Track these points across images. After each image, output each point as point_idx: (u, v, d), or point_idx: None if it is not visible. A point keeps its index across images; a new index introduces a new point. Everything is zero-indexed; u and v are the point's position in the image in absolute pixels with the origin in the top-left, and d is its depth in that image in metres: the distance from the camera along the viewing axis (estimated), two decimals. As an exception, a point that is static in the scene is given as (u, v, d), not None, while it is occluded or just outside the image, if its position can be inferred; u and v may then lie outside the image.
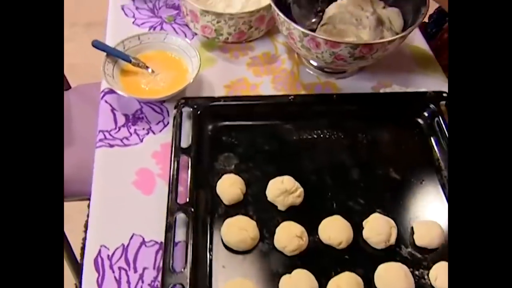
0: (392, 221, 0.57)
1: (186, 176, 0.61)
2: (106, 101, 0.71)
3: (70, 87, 1.14)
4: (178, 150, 0.63)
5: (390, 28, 0.74)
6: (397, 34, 0.74)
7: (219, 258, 0.56)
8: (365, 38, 0.72)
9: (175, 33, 0.83)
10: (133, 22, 0.84)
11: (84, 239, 1.34)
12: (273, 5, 0.68)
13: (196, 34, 0.82)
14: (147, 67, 0.72)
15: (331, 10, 0.79)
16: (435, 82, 0.76)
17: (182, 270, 0.52)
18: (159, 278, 0.53)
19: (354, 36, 0.72)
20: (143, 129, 0.68)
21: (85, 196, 1.24)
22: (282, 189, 0.59)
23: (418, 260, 0.56)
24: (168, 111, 0.70)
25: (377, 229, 0.56)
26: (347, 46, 0.64)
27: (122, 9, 0.86)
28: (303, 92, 0.75)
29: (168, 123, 0.69)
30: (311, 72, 0.78)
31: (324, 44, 0.65)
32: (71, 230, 1.08)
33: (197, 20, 0.78)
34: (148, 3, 0.87)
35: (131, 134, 0.67)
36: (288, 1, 0.79)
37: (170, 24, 0.84)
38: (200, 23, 0.78)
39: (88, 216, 1.44)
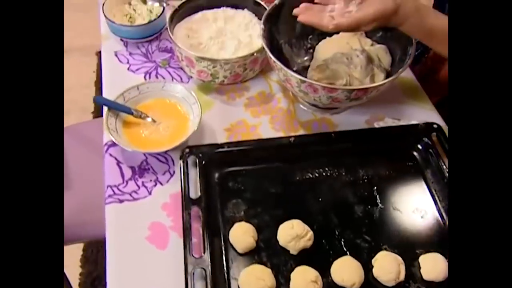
0: (399, 258, 0.61)
1: (198, 226, 0.62)
2: (110, 155, 0.72)
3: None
4: (188, 202, 0.64)
5: (380, 65, 0.77)
6: (386, 70, 0.77)
7: (239, 309, 0.57)
8: (356, 76, 0.75)
9: (170, 76, 0.84)
10: (128, 69, 0.85)
11: (82, 274, 1.34)
12: (268, 52, 0.70)
13: (191, 77, 0.84)
14: (148, 118, 0.73)
15: (321, 47, 0.82)
16: (424, 112, 0.80)
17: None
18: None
19: (347, 76, 0.75)
20: (150, 180, 0.69)
21: (84, 240, 1.24)
22: (293, 235, 0.61)
23: (427, 295, 0.59)
24: (173, 160, 0.71)
25: (387, 267, 0.59)
26: (343, 91, 0.67)
27: (116, 55, 0.87)
28: (301, 130, 0.77)
29: (174, 172, 0.70)
30: (307, 109, 0.80)
31: (321, 90, 0.67)
32: (67, 266, 1.07)
33: (193, 65, 0.79)
34: (141, 48, 0.89)
35: (139, 187, 0.68)
36: (280, 42, 0.82)
37: (165, 68, 0.86)
38: (196, 68, 0.79)
39: (83, 250, 1.42)
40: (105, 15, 0.86)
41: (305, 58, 0.84)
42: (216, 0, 0.89)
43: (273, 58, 0.69)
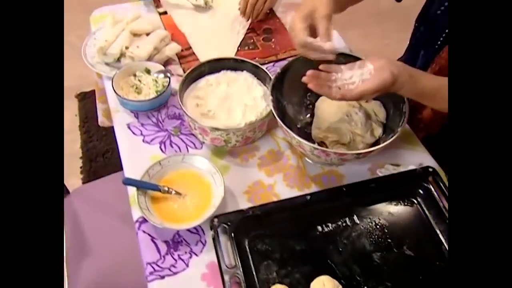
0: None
1: (238, 293, 0.68)
2: (144, 231, 0.77)
3: (68, 192, 1.15)
4: (225, 271, 0.70)
5: (377, 120, 0.85)
6: (382, 123, 0.86)
7: None
8: (358, 132, 0.83)
9: (184, 144, 0.90)
10: (142, 140, 0.90)
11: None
12: (284, 127, 0.76)
13: (204, 143, 0.89)
14: (175, 192, 0.79)
15: (320, 104, 0.90)
16: (418, 154, 0.89)
17: None
18: None
19: (350, 133, 0.82)
20: (185, 252, 0.74)
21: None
22: (326, 292, 0.68)
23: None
24: (203, 230, 0.77)
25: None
26: (353, 154, 0.75)
27: (129, 127, 0.91)
28: (312, 185, 0.84)
29: (205, 241, 0.76)
30: (314, 164, 0.88)
31: (333, 154, 0.75)
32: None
33: (206, 134, 0.85)
34: (151, 117, 0.93)
35: (176, 261, 0.73)
36: (283, 103, 0.89)
37: (177, 136, 0.91)
38: (210, 136, 0.85)
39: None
40: (114, 91, 0.91)
41: (307, 116, 0.92)
42: (217, 65, 0.95)
43: (284, 127, 0.76)
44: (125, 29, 1.00)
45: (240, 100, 0.91)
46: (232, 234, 0.75)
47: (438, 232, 0.78)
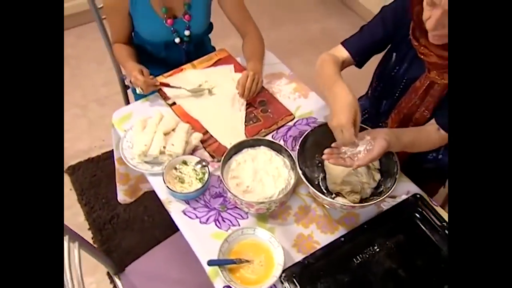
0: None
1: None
2: (231, 298, 0.98)
3: (123, 269, 1.31)
4: (304, 311, 0.94)
5: (374, 168, 1.13)
6: (378, 169, 1.14)
7: None
8: (364, 181, 1.10)
9: (233, 217, 1.11)
10: (199, 222, 1.10)
11: None
12: (310, 187, 1.02)
13: (248, 212, 1.12)
14: (245, 260, 1.00)
15: (327, 163, 1.16)
16: (405, 184, 1.18)
17: None
18: None
19: (359, 183, 1.10)
20: (268, 305, 0.97)
21: None
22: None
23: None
24: (274, 284, 1.00)
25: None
26: (366, 205, 1.02)
27: (184, 213, 1.11)
28: (339, 227, 1.10)
29: (279, 292, 0.99)
30: (335, 208, 1.14)
31: (357, 206, 1.02)
32: None
33: (252, 207, 1.08)
34: (199, 201, 1.14)
35: (264, 313, 0.96)
36: (303, 169, 1.13)
37: (225, 211, 1.12)
38: (255, 208, 1.08)
39: None
40: (168, 187, 1.10)
41: (320, 174, 1.18)
42: (239, 146, 1.17)
43: (315, 191, 1.02)
44: (156, 132, 1.19)
45: (266, 172, 1.14)
46: (297, 282, 0.99)
47: (435, 241, 1.08)
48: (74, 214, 1.99)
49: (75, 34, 2.83)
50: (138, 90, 1.32)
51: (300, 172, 1.06)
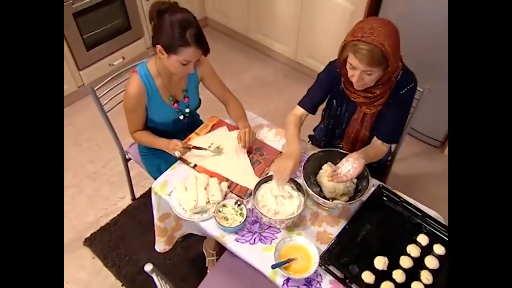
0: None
1: None
2: (288, 285, 1.31)
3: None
4: (341, 280, 1.31)
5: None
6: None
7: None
8: (348, 185, 1.52)
9: (270, 233, 1.45)
10: (249, 244, 1.42)
11: None
12: (318, 197, 1.41)
13: (279, 228, 1.46)
14: (293, 259, 1.35)
15: (320, 179, 1.56)
16: (370, 180, 1.62)
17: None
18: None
19: (346, 188, 1.50)
20: (316, 285, 1.32)
21: None
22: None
23: None
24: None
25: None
26: (352, 203, 1.44)
27: (237, 241, 1.42)
28: (341, 221, 1.50)
29: (319, 275, 1.35)
30: (334, 208, 1.53)
31: (346, 205, 1.43)
32: None
33: (283, 223, 1.43)
34: (244, 229, 1.45)
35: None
36: (310, 175, 1.51)
37: (264, 231, 1.46)
38: (285, 223, 1.43)
39: None
40: (221, 225, 1.41)
41: (317, 188, 1.56)
42: (258, 184, 1.52)
43: (321, 199, 1.41)
44: (198, 189, 1.49)
45: (283, 196, 1.50)
46: (329, 262, 1.35)
47: (399, 211, 1.52)
48: (104, 278, 2.14)
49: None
50: (177, 154, 1.60)
51: (309, 190, 1.45)
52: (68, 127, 2.89)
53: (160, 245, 1.79)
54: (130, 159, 2.15)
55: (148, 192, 2.46)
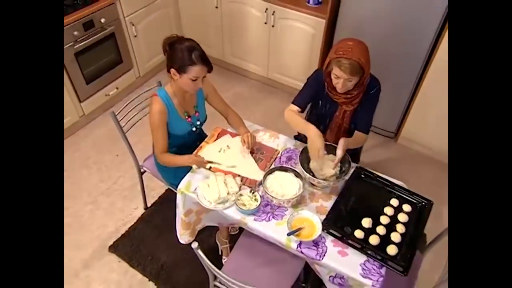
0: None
1: None
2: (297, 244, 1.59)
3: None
4: (341, 238, 1.61)
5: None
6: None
7: None
8: (332, 167, 1.83)
9: (280, 211, 1.73)
10: (265, 221, 1.68)
11: None
12: (315, 179, 1.71)
13: (286, 206, 1.74)
14: (302, 228, 1.63)
15: (312, 165, 1.86)
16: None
17: None
18: None
19: (332, 171, 1.81)
20: (322, 246, 1.61)
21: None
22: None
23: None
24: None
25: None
26: (339, 180, 1.76)
27: (256, 221, 1.68)
28: (332, 196, 1.80)
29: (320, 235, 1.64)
30: (327, 187, 1.83)
31: (332, 183, 1.74)
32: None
33: (289, 202, 1.71)
34: (259, 211, 1.72)
35: (327, 248, 1.59)
36: (304, 164, 1.81)
37: (276, 210, 1.73)
38: (291, 202, 1.72)
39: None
40: (242, 209, 1.67)
41: (310, 173, 1.86)
42: (266, 175, 1.80)
43: (316, 180, 1.71)
44: (219, 184, 1.74)
45: (285, 182, 1.79)
46: (329, 226, 1.65)
47: (373, 182, 1.85)
48: (132, 276, 2.30)
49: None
50: (194, 167, 1.85)
51: (307, 175, 1.75)
52: (76, 153, 3.04)
53: (185, 237, 2.01)
54: (144, 171, 2.36)
55: (158, 201, 2.68)
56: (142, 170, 2.36)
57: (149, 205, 2.67)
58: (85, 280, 2.28)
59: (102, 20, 2.94)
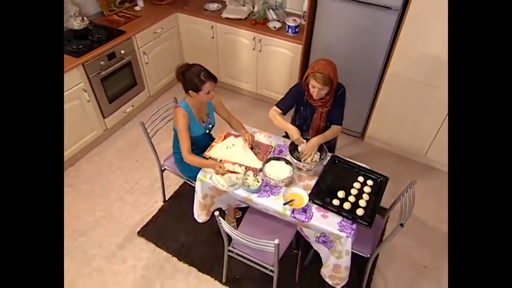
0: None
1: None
2: (292, 213, 1.96)
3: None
4: (323, 204, 1.99)
5: (316, 150, 2.27)
6: (318, 150, 2.28)
7: None
8: (315, 155, 2.22)
9: (276, 189, 2.09)
10: (267, 197, 2.05)
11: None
12: (301, 163, 2.09)
13: (281, 186, 2.11)
14: (293, 200, 2.00)
15: (301, 146, 2.24)
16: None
17: None
18: None
19: (313, 156, 2.20)
20: (308, 211, 1.98)
21: None
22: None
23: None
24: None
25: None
26: (319, 165, 2.14)
27: (259, 196, 2.04)
28: (315, 176, 2.18)
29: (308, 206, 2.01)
30: (310, 170, 2.21)
31: (314, 166, 2.13)
32: None
33: (283, 182, 2.09)
34: (261, 190, 2.08)
35: (312, 213, 1.96)
36: (292, 154, 2.19)
37: (273, 188, 2.09)
38: (285, 182, 2.09)
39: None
40: (248, 188, 2.03)
41: (299, 157, 2.24)
42: (264, 163, 2.17)
43: (301, 163, 2.09)
44: (228, 170, 2.10)
45: (280, 168, 2.16)
46: (314, 197, 2.02)
47: (346, 165, 2.24)
48: (159, 253, 2.60)
49: (86, 160, 3.35)
50: (214, 172, 2.21)
51: (295, 161, 2.13)
52: (103, 160, 3.34)
53: (202, 217, 2.35)
54: (165, 169, 2.69)
55: (174, 195, 3.00)
56: (162, 168, 2.69)
57: (167, 198, 2.99)
58: (121, 258, 2.57)
59: (122, 52, 3.30)
